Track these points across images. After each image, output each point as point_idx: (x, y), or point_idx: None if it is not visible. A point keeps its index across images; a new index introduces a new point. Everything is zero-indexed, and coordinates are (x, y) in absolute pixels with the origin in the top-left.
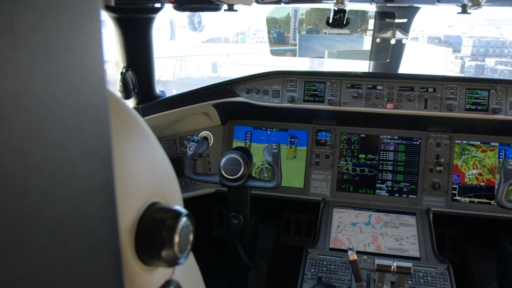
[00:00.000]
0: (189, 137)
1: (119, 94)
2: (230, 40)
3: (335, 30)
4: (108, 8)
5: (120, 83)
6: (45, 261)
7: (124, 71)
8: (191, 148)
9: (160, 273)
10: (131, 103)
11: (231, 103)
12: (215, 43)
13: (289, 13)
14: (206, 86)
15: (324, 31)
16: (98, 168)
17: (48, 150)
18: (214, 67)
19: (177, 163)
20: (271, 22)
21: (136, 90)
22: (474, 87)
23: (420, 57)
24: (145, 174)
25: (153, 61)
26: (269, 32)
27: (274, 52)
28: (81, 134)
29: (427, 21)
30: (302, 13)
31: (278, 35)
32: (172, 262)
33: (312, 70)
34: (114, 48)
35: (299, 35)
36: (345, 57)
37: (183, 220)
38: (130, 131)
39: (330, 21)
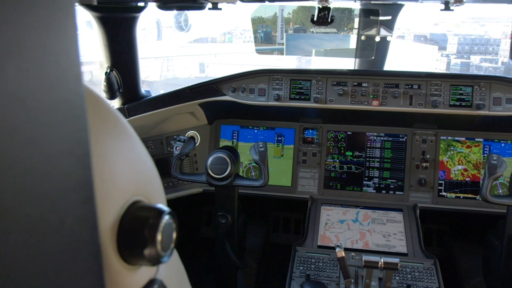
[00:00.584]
0: (175, 137)
1: (103, 95)
2: (217, 40)
3: (322, 29)
4: (91, 7)
5: (105, 83)
6: (22, 260)
7: (108, 71)
8: (177, 148)
9: (143, 272)
10: (116, 103)
11: (217, 102)
12: (202, 43)
13: (276, 13)
14: (192, 86)
15: (311, 30)
16: (75, 166)
17: (21, 148)
18: (201, 67)
19: (164, 163)
20: (258, 22)
21: (121, 90)
22: (458, 83)
23: (407, 55)
24: (127, 173)
25: (138, 61)
26: (256, 32)
27: (260, 51)
28: (56, 131)
29: (413, 19)
30: (289, 12)
31: (265, 34)
32: (155, 261)
33: (297, 68)
34: (99, 48)
35: (286, 34)
36: (332, 55)
37: (166, 218)
38: (111, 130)
39: (315, 19)
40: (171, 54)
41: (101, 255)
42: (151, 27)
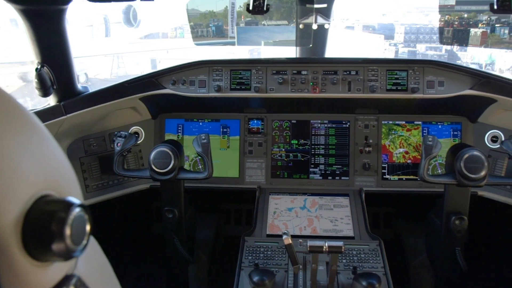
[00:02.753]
0: (116, 133)
1: (36, 92)
2: (169, 35)
3: (273, 22)
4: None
5: (36, 80)
6: None
7: (39, 67)
8: (118, 144)
9: (56, 268)
10: (51, 100)
11: (159, 96)
12: (153, 39)
13: (227, 6)
14: (131, 80)
15: (262, 22)
16: None
17: None
18: (153, 63)
19: (108, 160)
20: (210, 16)
21: (55, 87)
22: (393, 68)
23: (356, 45)
24: (33, 167)
25: (71, 55)
26: (207, 26)
27: (200, 45)
28: None
29: (362, 10)
30: (240, 6)
31: (217, 28)
32: (66, 256)
33: (237, 58)
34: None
35: (237, 28)
36: (282, 45)
37: (76, 211)
38: (13, 123)
39: (251, 8)
40: (121, 51)
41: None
42: (99, 23)
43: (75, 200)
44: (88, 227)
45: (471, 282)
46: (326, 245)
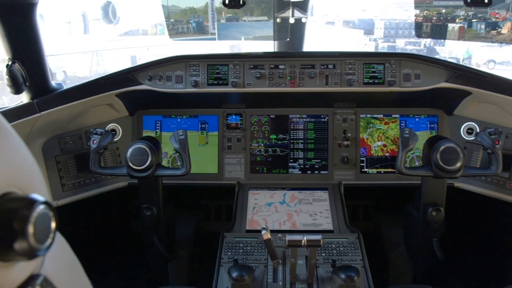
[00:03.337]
0: (92, 130)
1: (8, 89)
2: (149, 32)
3: (254, 17)
4: None
5: (7, 77)
6: None
7: (10, 63)
8: (94, 142)
9: (21, 268)
10: (24, 97)
11: (135, 92)
12: (133, 36)
13: (207, 2)
14: (106, 76)
15: (243, 18)
16: None
17: None
18: (133, 60)
19: (84, 158)
20: (190, 12)
21: (27, 84)
22: (370, 61)
23: (336, 40)
24: None
25: (43, 51)
26: (188, 22)
27: (177, 41)
28: None
29: (342, 5)
30: (220, 1)
31: (198, 24)
32: (30, 255)
33: (214, 53)
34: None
35: (218, 24)
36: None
37: (40, 208)
38: None
39: (227, 2)
40: (100, 48)
41: None
42: (77, 20)
43: (39, 197)
44: (53, 225)
45: (449, 272)
46: (305, 239)
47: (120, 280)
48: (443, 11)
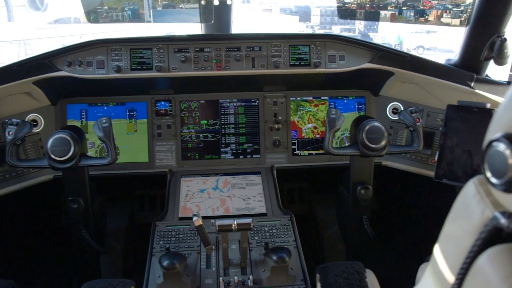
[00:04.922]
0: (6, 120)
1: None
2: (82, 20)
3: (191, 5)
4: None
5: None
6: None
7: None
8: (10, 133)
9: None
10: None
11: (54, 79)
12: (64, 24)
13: None
14: (20, 61)
15: (180, 6)
16: None
17: None
18: None
19: (1, 151)
20: None
21: None
22: (296, 43)
23: (273, 27)
24: None
25: None
26: (123, 10)
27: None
28: None
29: None
30: None
31: (133, 12)
32: None
33: (136, 36)
34: None
35: (153, 11)
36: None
37: None
38: None
39: None
40: (28, 37)
41: None
42: None
43: None
44: None
45: (380, 248)
46: (235, 223)
47: (52, 276)
48: None
